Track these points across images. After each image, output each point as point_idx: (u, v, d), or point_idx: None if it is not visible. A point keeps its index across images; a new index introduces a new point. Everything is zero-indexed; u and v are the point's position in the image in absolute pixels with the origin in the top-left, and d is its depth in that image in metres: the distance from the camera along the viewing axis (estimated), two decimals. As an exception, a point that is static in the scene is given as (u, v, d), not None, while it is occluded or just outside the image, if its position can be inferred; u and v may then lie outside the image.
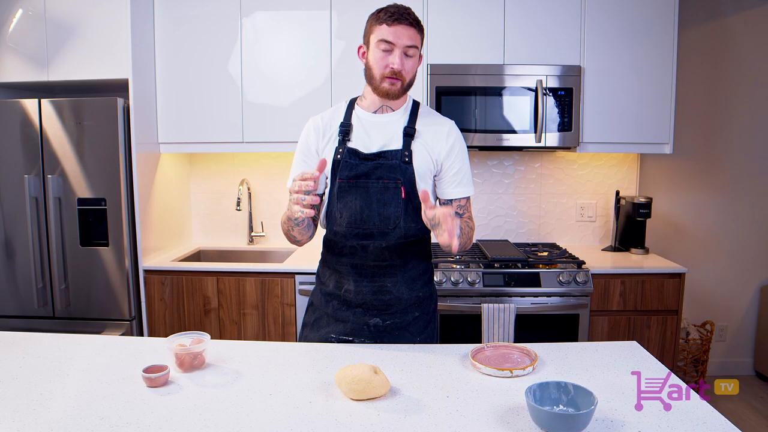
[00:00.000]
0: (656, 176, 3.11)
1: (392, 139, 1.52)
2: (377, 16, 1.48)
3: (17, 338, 1.50)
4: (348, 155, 1.51)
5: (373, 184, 1.49)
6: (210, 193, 3.16)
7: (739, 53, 3.05)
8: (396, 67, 1.45)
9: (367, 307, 1.53)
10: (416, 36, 1.47)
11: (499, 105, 2.63)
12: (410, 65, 1.48)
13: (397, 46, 1.45)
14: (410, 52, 1.47)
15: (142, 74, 2.61)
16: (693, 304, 3.17)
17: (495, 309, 2.36)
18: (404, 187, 1.49)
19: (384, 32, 1.45)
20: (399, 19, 1.44)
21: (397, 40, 1.45)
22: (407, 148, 1.51)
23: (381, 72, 1.47)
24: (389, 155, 1.50)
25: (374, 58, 1.48)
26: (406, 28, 1.45)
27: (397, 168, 1.49)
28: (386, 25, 1.45)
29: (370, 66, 1.49)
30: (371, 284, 1.52)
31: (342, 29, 2.67)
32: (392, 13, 1.45)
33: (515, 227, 3.10)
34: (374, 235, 1.49)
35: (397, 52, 1.45)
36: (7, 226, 2.53)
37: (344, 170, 1.50)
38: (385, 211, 1.49)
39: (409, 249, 1.53)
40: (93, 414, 1.07)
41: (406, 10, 1.47)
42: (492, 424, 1.05)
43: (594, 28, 2.64)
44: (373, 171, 1.49)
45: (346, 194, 1.50)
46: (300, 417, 1.07)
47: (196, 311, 2.59)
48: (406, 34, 1.45)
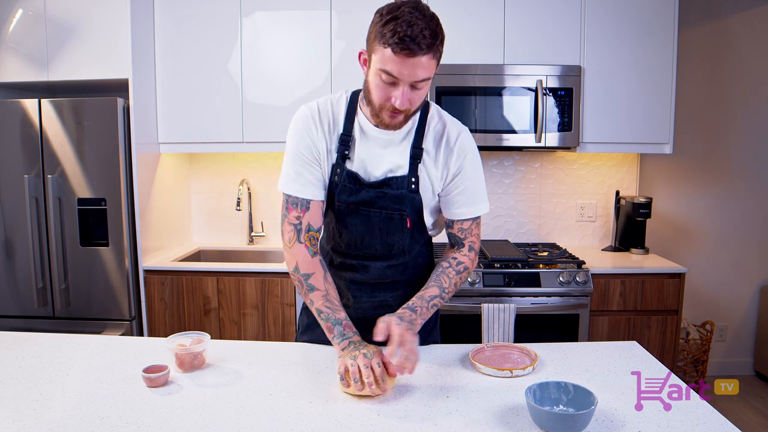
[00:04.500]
0: (656, 176, 3.11)
1: (399, 162, 1.32)
2: (382, 33, 1.13)
3: (17, 338, 1.50)
4: (347, 179, 1.33)
5: (375, 214, 1.34)
6: (210, 193, 3.16)
7: (739, 53, 3.05)
8: (398, 106, 1.19)
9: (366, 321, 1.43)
10: (430, 64, 1.16)
11: (499, 105, 2.63)
12: (418, 97, 1.21)
13: (403, 81, 1.16)
14: (420, 85, 1.18)
15: (142, 74, 2.61)
16: (693, 304, 3.17)
17: (495, 309, 2.36)
18: (410, 218, 1.35)
19: (388, 61, 1.14)
20: (410, 48, 1.11)
21: (403, 75, 1.15)
22: (414, 173, 1.32)
23: (381, 103, 1.22)
24: (394, 183, 1.32)
25: (374, 83, 1.21)
26: (419, 59, 1.13)
27: (403, 198, 1.32)
28: (392, 52, 1.13)
29: (369, 89, 1.23)
30: (371, 299, 1.45)
31: (342, 29, 2.67)
32: (402, 38, 1.11)
33: (515, 227, 3.10)
34: (376, 257, 1.41)
35: (402, 88, 1.17)
36: (7, 226, 2.53)
37: (343, 194, 1.34)
38: (389, 239, 1.37)
39: (411, 265, 1.46)
40: (93, 414, 1.07)
41: (422, 29, 1.11)
42: (492, 424, 1.05)
43: (594, 28, 2.64)
44: (376, 200, 1.33)
45: (346, 217, 1.36)
46: (300, 417, 1.07)
47: (196, 311, 2.59)
48: (417, 66, 1.14)
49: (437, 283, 1.35)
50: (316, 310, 1.31)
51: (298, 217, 1.33)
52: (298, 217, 1.33)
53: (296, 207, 1.33)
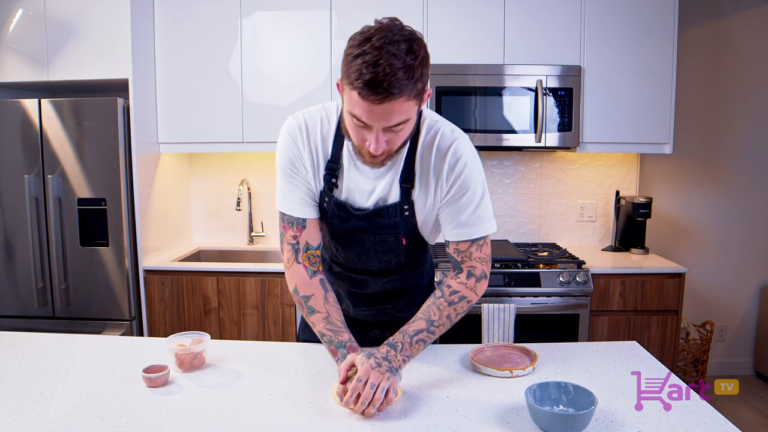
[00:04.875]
0: (656, 176, 3.11)
1: (389, 191, 1.24)
2: (348, 73, 1.00)
3: (17, 338, 1.50)
4: (336, 208, 1.27)
5: (370, 238, 1.28)
6: (210, 193, 3.16)
7: (739, 53, 3.05)
8: (373, 151, 1.08)
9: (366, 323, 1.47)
10: (407, 106, 1.02)
11: (499, 105, 2.63)
12: (398, 138, 1.09)
13: (374, 128, 1.05)
14: (397, 128, 1.06)
15: (142, 74, 2.61)
16: (693, 304, 3.17)
17: (495, 309, 2.36)
18: (405, 237, 1.29)
19: (355, 105, 1.02)
20: (377, 93, 0.97)
21: (373, 122, 1.03)
22: (406, 200, 1.23)
23: (357, 143, 1.12)
24: (386, 213, 1.24)
25: (348, 123, 1.10)
26: (389, 104, 0.99)
27: (396, 225, 1.26)
28: (358, 96, 1.00)
29: (345, 127, 1.13)
30: (371, 308, 1.44)
31: (342, 29, 2.67)
32: (368, 81, 0.97)
33: (515, 227, 3.10)
34: (374, 273, 1.37)
35: (375, 134, 1.05)
36: (7, 226, 2.53)
37: (334, 219, 1.28)
38: (386, 257, 1.33)
39: (410, 276, 1.42)
40: (93, 414, 1.07)
41: (392, 69, 0.96)
42: (492, 424, 1.05)
43: (594, 28, 2.64)
44: (369, 228, 1.27)
45: (341, 238, 1.31)
46: (300, 417, 1.07)
47: (196, 311, 2.58)
48: (388, 112, 1.01)
49: (425, 315, 1.23)
50: (319, 332, 1.27)
51: (295, 237, 1.29)
52: (295, 237, 1.29)
53: (292, 226, 1.29)
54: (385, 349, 1.17)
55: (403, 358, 1.17)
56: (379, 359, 1.12)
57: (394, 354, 1.16)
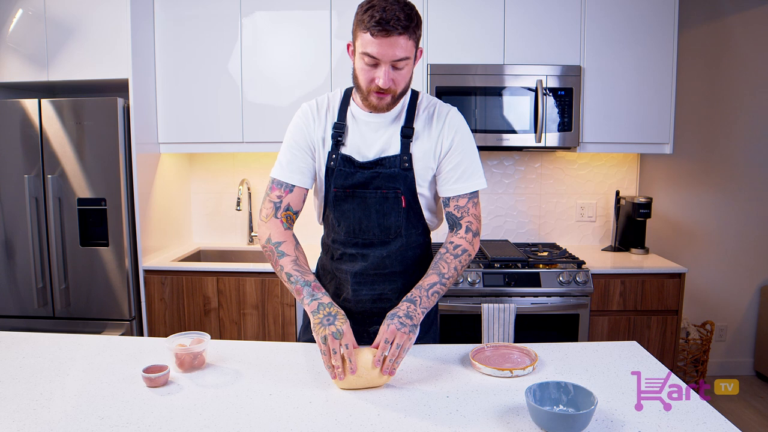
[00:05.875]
0: (656, 176, 3.11)
1: (390, 143, 1.40)
2: (362, 19, 1.26)
3: (17, 338, 1.50)
4: (342, 163, 1.39)
5: (371, 194, 1.39)
6: (210, 193, 3.17)
7: (739, 53, 3.05)
8: (382, 85, 1.28)
9: (366, 314, 1.50)
10: (408, 44, 1.26)
11: (499, 105, 2.63)
12: (401, 76, 1.31)
13: (383, 61, 1.26)
14: (401, 64, 1.28)
15: (142, 74, 2.61)
16: (693, 304, 3.17)
17: (495, 309, 2.36)
18: (404, 195, 1.40)
19: (368, 43, 1.25)
20: (386, 29, 1.22)
21: (382, 54, 1.25)
22: (406, 152, 1.38)
23: (367, 85, 1.31)
24: (387, 162, 1.38)
25: (359, 68, 1.31)
26: (396, 38, 1.24)
27: (396, 176, 1.38)
28: (370, 35, 1.24)
29: (356, 75, 1.34)
30: (371, 292, 1.47)
31: (342, 29, 2.67)
32: (378, 21, 1.22)
33: (515, 227, 3.10)
34: (374, 244, 1.44)
35: (384, 68, 1.27)
36: (7, 226, 2.53)
37: (339, 179, 1.40)
38: (386, 222, 1.41)
39: (409, 255, 1.48)
40: (93, 414, 1.07)
41: (396, 12, 1.23)
42: (492, 424, 1.05)
43: (594, 28, 2.64)
44: (371, 180, 1.39)
45: (343, 203, 1.42)
46: (300, 417, 1.07)
47: (196, 311, 2.59)
48: (394, 46, 1.24)
49: (435, 270, 1.35)
50: (286, 274, 1.35)
51: (279, 197, 1.42)
52: (279, 197, 1.42)
53: (280, 188, 1.42)
54: (405, 306, 1.27)
55: (422, 310, 1.28)
56: (402, 318, 1.23)
57: (414, 309, 1.26)
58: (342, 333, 1.19)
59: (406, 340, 1.20)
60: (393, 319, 1.23)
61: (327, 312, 1.23)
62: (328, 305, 1.25)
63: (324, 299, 1.27)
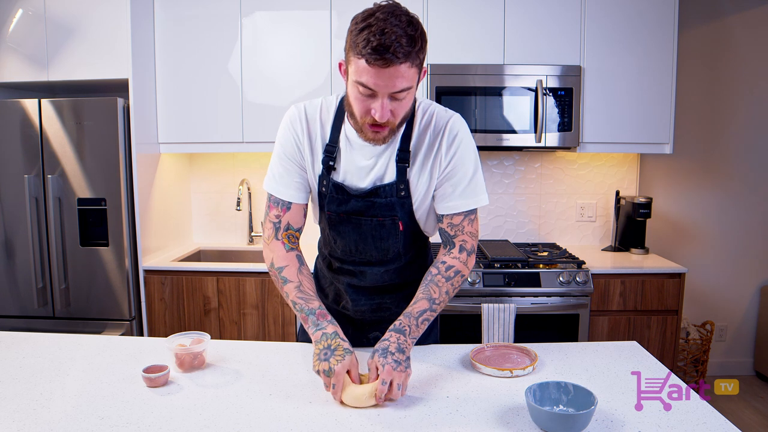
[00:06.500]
0: (656, 176, 3.11)
1: (385, 170, 1.28)
2: (356, 43, 1.09)
3: (17, 338, 1.50)
4: (334, 190, 1.30)
5: (367, 222, 1.31)
6: (210, 193, 3.17)
7: (739, 53, 3.05)
8: (379, 119, 1.14)
9: (366, 322, 1.48)
10: (410, 72, 1.10)
11: (499, 105, 2.63)
12: (401, 108, 1.16)
13: (380, 94, 1.11)
14: (401, 96, 1.13)
15: (142, 74, 2.61)
16: (693, 304, 3.17)
17: (495, 309, 2.36)
18: (402, 221, 1.32)
19: (363, 72, 1.09)
20: (385, 58, 1.06)
21: (380, 87, 1.10)
22: (402, 179, 1.27)
23: (361, 117, 1.17)
24: (382, 192, 1.28)
25: (353, 95, 1.16)
26: (395, 68, 1.07)
27: (392, 205, 1.29)
28: (366, 63, 1.08)
29: (349, 102, 1.19)
30: (370, 302, 1.44)
31: (342, 29, 2.67)
32: (375, 47, 1.05)
33: (515, 227, 3.10)
34: (372, 263, 1.39)
35: (381, 100, 1.12)
36: (7, 226, 2.53)
37: (332, 204, 1.32)
38: (383, 245, 1.35)
39: (408, 268, 1.43)
40: (93, 414, 1.07)
41: (397, 36, 1.06)
42: (492, 424, 1.05)
43: (594, 28, 2.64)
44: (366, 209, 1.30)
45: (338, 225, 1.35)
46: (300, 417, 1.07)
47: (196, 311, 2.59)
48: (394, 77, 1.08)
49: (426, 294, 1.27)
50: (291, 302, 1.30)
51: (278, 216, 1.36)
52: (278, 216, 1.36)
53: (277, 206, 1.36)
54: (395, 338, 1.18)
55: (411, 340, 1.21)
56: (396, 356, 1.14)
57: (404, 340, 1.19)
58: (332, 372, 1.11)
59: (404, 378, 1.12)
60: (387, 357, 1.13)
61: (327, 344, 1.17)
62: (331, 336, 1.19)
63: (328, 329, 1.21)
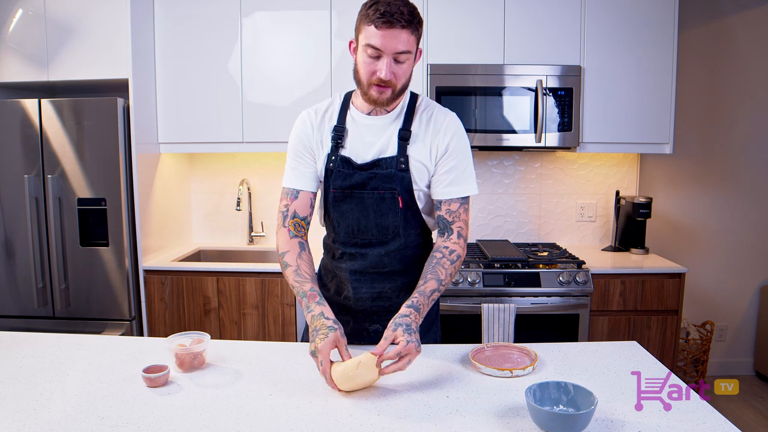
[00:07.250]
0: (656, 176, 3.11)
1: (388, 145, 1.42)
2: (367, 13, 1.30)
3: (17, 338, 1.50)
4: (341, 164, 1.43)
5: (369, 195, 1.42)
6: (210, 193, 3.17)
7: (739, 53, 3.05)
8: (383, 77, 1.31)
9: (367, 313, 1.51)
10: (410, 39, 1.31)
11: (499, 105, 2.63)
12: (402, 71, 1.34)
13: (386, 52, 1.30)
14: (402, 58, 1.32)
15: (142, 74, 2.61)
16: (693, 304, 3.17)
17: (495, 309, 2.36)
18: (401, 196, 1.42)
19: (372, 35, 1.29)
20: (390, 21, 1.27)
21: (385, 46, 1.29)
22: (402, 153, 1.41)
23: (368, 78, 1.34)
24: (384, 164, 1.41)
25: (361, 61, 1.34)
26: (399, 31, 1.28)
27: (392, 177, 1.41)
28: (375, 27, 1.28)
29: (357, 69, 1.37)
30: (371, 290, 1.49)
31: (342, 29, 2.67)
32: (383, 13, 1.27)
33: (515, 227, 3.10)
34: (373, 244, 1.46)
35: (386, 60, 1.31)
36: (7, 226, 2.53)
37: (337, 179, 1.43)
38: (383, 222, 1.44)
39: (408, 254, 1.49)
40: (93, 414, 1.07)
41: (399, 7, 1.29)
42: (492, 424, 1.05)
43: (594, 28, 2.64)
44: (368, 181, 1.41)
45: (342, 203, 1.45)
46: (300, 417, 1.07)
47: (196, 311, 2.59)
48: (397, 38, 1.29)
49: (434, 275, 1.37)
50: (291, 285, 1.39)
51: (286, 205, 1.47)
52: (286, 205, 1.47)
53: (287, 196, 1.47)
54: (414, 316, 1.27)
55: (422, 318, 1.31)
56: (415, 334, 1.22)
57: (418, 317, 1.28)
58: (318, 350, 1.18)
59: (416, 355, 1.21)
60: (411, 335, 1.21)
61: (315, 326, 1.24)
62: (317, 317, 1.26)
63: (315, 310, 1.28)
